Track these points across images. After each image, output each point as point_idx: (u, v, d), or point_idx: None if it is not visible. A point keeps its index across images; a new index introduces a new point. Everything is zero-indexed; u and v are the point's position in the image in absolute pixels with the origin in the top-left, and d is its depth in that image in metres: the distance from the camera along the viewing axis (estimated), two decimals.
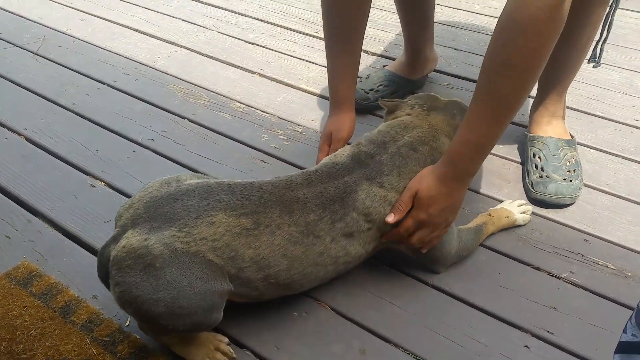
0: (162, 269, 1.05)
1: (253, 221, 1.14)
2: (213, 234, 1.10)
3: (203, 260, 1.08)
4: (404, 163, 1.27)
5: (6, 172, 1.74)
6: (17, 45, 2.46)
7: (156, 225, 1.08)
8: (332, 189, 1.22)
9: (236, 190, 1.17)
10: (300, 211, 1.18)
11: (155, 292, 1.04)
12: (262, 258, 1.14)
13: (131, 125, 1.94)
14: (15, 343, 1.22)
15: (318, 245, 1.19)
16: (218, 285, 1.10)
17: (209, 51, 2.40)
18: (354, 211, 1.22)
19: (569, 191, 1.55)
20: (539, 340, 1.23)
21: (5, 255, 1.46)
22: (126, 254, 1.06)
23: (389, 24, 2.55)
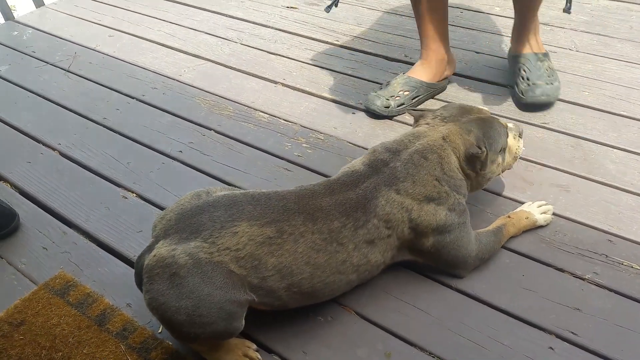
0: (186, 277, 1.10)
1: (276, 230, 1.17)
2: (236, 244, 1.14)
3: (225, 271, 1.13)
4: (417, 171, 1.30)
5: (42, 186, 1.82)
6: (50, 63, 2.57)
7: (184, 237, 1.14)
8: (353, 196, 1.25)
9: (260, 200, 1.21)
10: (323, 219, 1.21)
11: (177, 300, 1.10)
12: (285, 266, 1.17)
13: (160, 138, 2.01)
14: (55, 351, 1.28)
15: (341, 253, 1.22)
16: (238, 295, 1.14)
17: (233, 63, 2.46)
18: (375, 217, 1.25)
19: (552, 91, 1.92)
20: (563, 341, 1.24)
21: (43, 267, 1.53)
22: (156, 263, 1.12)
23: (409, 29, 2.57)
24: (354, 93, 2.18)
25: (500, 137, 1.42)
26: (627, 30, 2.40)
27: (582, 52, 2.30)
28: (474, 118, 1.41)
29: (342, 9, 2.81)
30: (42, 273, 1.50)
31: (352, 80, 2.26)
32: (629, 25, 2.43)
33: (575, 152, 1.78)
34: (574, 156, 1.77)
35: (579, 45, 2.34)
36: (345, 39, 2.55)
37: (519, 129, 1.53)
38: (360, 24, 2.66)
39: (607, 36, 2.38)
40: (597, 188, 1.64)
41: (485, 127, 1.40)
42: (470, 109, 1.45)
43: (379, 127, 1.99)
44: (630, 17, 2.49)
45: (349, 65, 2.36)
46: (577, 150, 1.79)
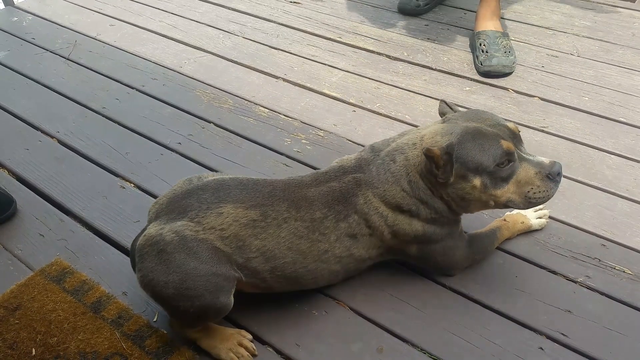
0: (172, 253, 1.14)
1: (260, 213, 1.21)
2: (221, 224, 1.18)
3: (210, 247, 1.17)
4: (386, 178, 1.26)
5: (40, 173, 1.82)
6: (50, 50, 2.56)
7: (172, 217, 1.19)
8: (337, 189, 1.27)
9: (247, 185, 1.25)
10: (307, 208, 1.24)
11: (166, 275, 1.14)
12: (268, 249, 1.21)
13: (159, 129, 2.01)
14: (50, 336, 1.29)
15: (323, 243, 1.24)
16: (224, 269, 1.17)
17: (234, 56, 2.46)
18: (355, 214, 1.26)
19: (508, 62, 2.19)
20: (553, 342, 1.25)
21: (39, 253, 1.53)
22: (145, 242, 1.18)
23: (412, 28, 2.58)
24: (355, 91, 2.18)
25: (480, 150, 1.17)
26: (629, 37, 2.41)
27: (583, 57, 2.31)
28: (474, 125, 1.20)
29: (346, 6, 2.81)
30: (38, 259, 1.50)
31: (354, 77, 2.27)
32: (631, 32, 2.45)
33: (573, 157, 1.80)
34: (571, 160, 1.78)
35: (580, 51, 2.35)
36: (348, 36, 2.55)
37: (551, 166, 1.19)
38: (363, 22, 2.67)
39: (609, 42, 2.39)
40: (593, 193, 1.66)
41: (470, 137, 1.18)
42: (489, 118, 1.23)
43: (378, 125, 2.00)
44: (632, 24, 2.50)
45: (351, 63, 2.36)
46: (574, 155, 1.80)
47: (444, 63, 2.32)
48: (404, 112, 2.04)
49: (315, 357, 1.25)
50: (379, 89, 2.19)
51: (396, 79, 2.24)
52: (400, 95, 2.14)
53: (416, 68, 2.31)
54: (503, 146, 1.17)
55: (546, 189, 1.19)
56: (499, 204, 1.23)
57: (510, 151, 1.18)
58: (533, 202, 1.21)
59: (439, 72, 2.27)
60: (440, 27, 2.59)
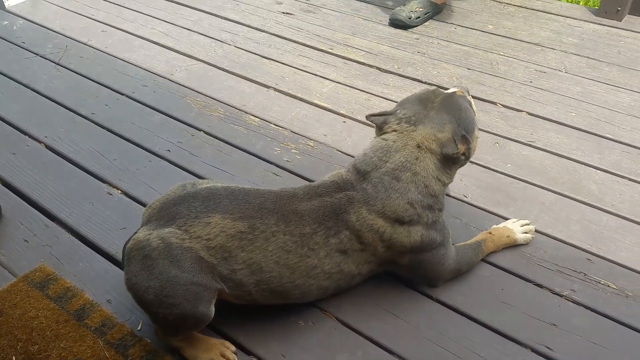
0: (156, 260, 1.15)
1: (249, 225, 1.21)
2: (207, 234, 1.18)
3: (194, 256, 1.17)
4: (387, 195, 1.26)
5: (27, 178, 1.80)
6: (40, 55, 2.55)
7: (161, 223, 1.20)
8: (328, 205, 1.27)
9: (238, 196, 1.25)
10: (296, 222, 1.23)
11: (147, 280, 1.15)
12: (254, 262, 1.20)
13: (148, 136, 2.00)
14: (31, 343, 1.27)
15: (312, 258, 1.24)
16: (205, 280, 1.17)
17: (226, 65, 2.46)
18: (347, 230, 1.26)
19: (402, 17, 2.69)
20: (538, 355, 1.26)
21: (23, 259, 1.51)
22: (133, 246, 1.19)
23: (403, 42, 2.60)
24: (346, 102, 2.19)
25: (471, 113, 1.39)
26: (615, 54, 2.45)
27: (570, 73, 2.34)
28: (439, 106, 1.33)
29: (338, 18, 2.83)
30: (21, 265, 1.49)
31: (344, 89, 2.28)
32: (617, 50, 2.49)
33: (560, 171, 1.81)
34: (558, 175, 1.80)
35: (568, 67, 2.39)
36: (340, 48, 2.57)
37: (465, 88, 1.48)
38: (355, 34, 2.69)
39: (596, 59, 2.43)
40: (579, 207, 1.67)
41: (455, 111, 1.33)
42: (427, 96, 1.37)
43: (368, 136, 2.00)
44: (618, 43, 2.54)
45: (342, 74, 2.37)
46: (561, 170, 1.82)
47: (434, 76, 2.34)
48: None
49: None
50: (369, 100, 2.20)
51: (386, 91, 2.25)
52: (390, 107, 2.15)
53: (406, 81, 2.32)
54: (463, 94, 1.44)
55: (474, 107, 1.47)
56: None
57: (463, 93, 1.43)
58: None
59: (428, 85, 2.29)
60: (431, 40, 2.62)
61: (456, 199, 1.71)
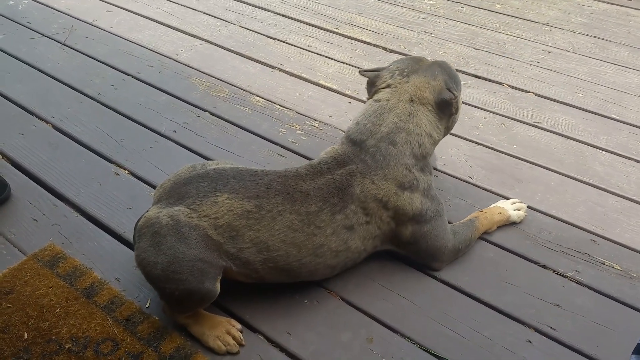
0: (165, 236, 1.18)
1: (255, 205, 1.23)
2: (215, 212, 1.21)
3: (201, 234, 1.19)
4: (386, 162, 1.30)
5: (34, 158, 1.81)
6: (45, 35, 2.54)
7: (171, 202, 1.23)
8: (332, 183, 1.29)
9: (245, 176, 1.27)
10: (302, 201, 1.26)
11: (156, 256, 1.18)
12: (261, 241, 1.23)
13: (154, 117, 2.01)
14: (42, 320, 1.29)
15: (319, 237, 1.26)
16: (211, 257, 1.19)
17: (231, 45, 2.45)
18: (352, 204, 1.28)
19: None
20: (541, 335, 1.27)
21: (32, 238, 1.53)
22: (144, 223, 1.22)
23: (409, 21, 2.58)
24: (351, 82, 2.18)
25: (456, 76, 1.44)
26: (625, 34, 2.42)
27: (579, 54, 2.32)
28: (430, 62, 1.43)
29: None
30: (31, 244, 1.51)
31: (350, 69, 2.27)
32: (627, 29, 2.46)
33: (566, 153, 1.81)
34: (564, 156, 1.79)
35: (576, 47, 2.36)
36: (345, 28, 2.55)
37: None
38: (360, 13, 2.66)
39: (605, 40, 2.40)
40: (585, 189, 1.67)
41: (447, 68, 1.42)
42: (419, 57, 1.46)
43: None
44: (628, 22, 2.51)
45: (347, 54, 2.36)
46: (567, 151, 1.82)
47: (440, 56, 2.32)
48: None
49: (305, 346, 1.27)
50: None
51: None
52: None
53: None
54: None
55: None
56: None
57: None
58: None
59: None
60: (437, 20, 2.59)
61: (461, 180, 1.71)
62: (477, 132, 1.91)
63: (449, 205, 1.61)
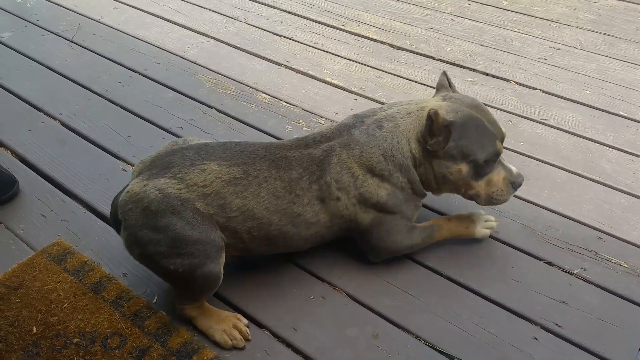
0: (157, 212, 1.16)
1: (242, 171, 1.23)
2: (203, 180, 1.20)
3: (193, 208, 1.18)
4: (367, 140, 1.30)
5: (43, 155, 1.83)
6: (53, 32, 2.56)
7: (154, 172, 1.20)
8: (314, 152, 1.30)
9: (230, 147, 1.28)
10: (285, 167, 1.27)
11: (155, 234, 1.15)
12: (248, 209, 1.23)
13: (161, 113, 2.02)
14: (50, 315, 1.31)
15: (297, 205, 1.27)
16: (209, 230, 1.18)
17: (237, 42, 2.46)
18: (328, 175, 1.28)
19: None
20: (547, 332, 1.27)
21: (41, 233, 1.54)
22: (129, 199, 1.19)
23: (415, 17, 2.57)
24: (357, 79, 2.18)
25: (478, 142, 1.26)
26: (633, 31, 2.41)
27: (586, 50, 2.31)
28: (477, 116, 1.27)
29: None
30: (39, 239, 1.52)
31: (356, 66, 2.27)
32: (635, 26, 2.44)
33: (573, 150, 1.80)
34: (571, 153, 1.79)
35: (584, 44, 2.35)
36: (352, 25, 2.55)
37: (517, 177, 1.34)
38: (367, 10, 2.66)
39: (613, 36, 2.39)
40: (592, 186, 1.67)
41: (473, 125, 1.26)
42: (489, 114, 1.32)
43: None
44: (636, 19, 2.49)
45: (354, 51, 2.36)
46: (574, 148, 1.81)
47: (447, 53, 2.32)
48: None
49: (311, 341, 1.27)
50: (381, 77, 2.19)
51: (398, 68, 2.24)
52: (402, 85, 2.14)
53: (419, 58, 2.31)
54: (497, 147, 1.29)
55: (507, 193, 1.35)
56: (467, 193, 1.36)
57: (500, 153, 1.30)
58: (494, 202, 1.35)
59: (441, 62, 2.27)
60: (444, 17, 2.58)
61: None
62: None
63: (455, 202, 1.61)
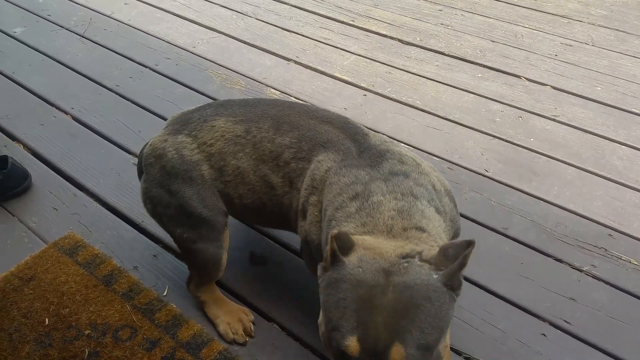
0: (171, 174, 1.15)
1: (245, 129, 1.16)
2: (210, 139, 1.16)
3: (200, 175, 1.15)
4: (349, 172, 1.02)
5: (54, 149, 1.84)
6: (65, 27, 2.57)
7: (176, 128, 1.19)
8: (319, 132, 1.10)
9: (250, 102, 1.21)
10: (284, 132, 1.12)
11: (167, 196, 1.16)
12: (240, 172, 1.15)
13: (171, 108, 2.03)
14: (62, 307, 1.32)
15: (273, 176, 1.12)
16: (215, 208, 1.16)
17: (247, 38, 2.46)
18: (308, 162, 1.09)
19: None
20: (556, 329, 1.27)
21: (53, 226, 1.56)
22: (150, 152, 1.20)
23: (426, 13, 2.57)
24: (367, 75, 2.18)
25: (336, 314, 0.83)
26: None
27: (598, 46, 2.29)
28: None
29: None
30: (51, 232, 1.53)
31: (366, 61, 2.27)
32: None
33: (583, 146, 1.79)
34: (581, 150, 1.78)
35: (595, 40, 2.33)
36: (361, 20, 2.55)
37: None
38: (377, 5, 2.66)
39: (625, 32, 2.37)
40: (602, 183, 1.66)
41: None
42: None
43: (389, 110, 2.00)
44: None
45: (363, 47, 2.36)
46: (585, 145, 1.80)
47: (457, 49, 2.31)
48: (415, 98, 2.05)
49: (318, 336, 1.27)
50: (391, 73, 2.19)
51: (408, 64, 2.24)
52: (411, 81, 2.14)
53: (429, 53, 2.30)
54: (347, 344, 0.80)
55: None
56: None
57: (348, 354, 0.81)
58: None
59: (451, 57, 2.27)
60: (454, 12, 2.57)
61: (477, 173, 1.70)
62: (494, 125, 1.90)
63: (464, 198, 1.60)
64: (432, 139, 1.84)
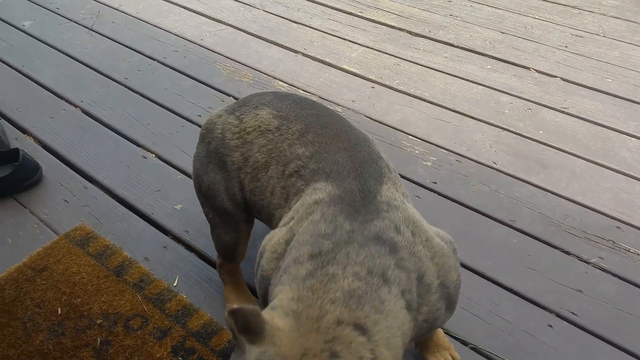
0: (211, 154, 1.17)
1: (277, 125, 1.09)
2: (250, 126, 1.13)
3: (231, 162, 1.12)
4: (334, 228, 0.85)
5: (64, 141, 1.86)
6: (73, 20, 2.59)
7: (234, 106, 1.19)
8: (333, 158, 0.99)
9: (302, 100, 1.15)
10: (303, 142, 1.03)
11: (203, 170, 1.19)
12: (256, 167, 1.08)
13: (180, 101, 2.04)
14: (74, 297, 1.34)
15: (276, 181, 1.05)
16: (236, 190, 1.14)
17: (255, 30, 2.46)
18: (305, 184, 0.99)
19: None
20: (562, 320, 1.27)
21: (64, 218, 1.58)
22: (207, 123, 1.22)
23: (434, 4, 2.55)
24: (375, 67, 2.18)
25: None
26: None
27: (609, 37, 2.27)
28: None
29: None
30: (62, 224, 1.56)
31: (374, 53, 2.26)
32: None
33: (592, 139, 1.79)
34: (590, 142, 1.77)
35: (606, 31, 2.31)
36: (370, 11, 2.54)
37: None
38: None
39: (637, 23, 2.35)
40: (611, 175, 1.65)
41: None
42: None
43: (397, 102, 2.00)
44: None
45: (371, 38, 2.35)
46: (594, 137, 1.79)
47: (466, 40, 2.30)
48: (423, 90, 2.04)
49: None
50: (399, 65, 2.18)
51: (416, 56, 2.23)
52: (420, 72, 2.14)
53: (437, 45, 2.29)
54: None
55: None
56: None
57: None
58: None
59: (460, 49, 2.26)
60: (464, 3, 2.56)
61: (485, 166, 1.70)
62: (503, 117, 1.89)
63: (472, 191, 1.61)
64: (441, 131, 1.84)
